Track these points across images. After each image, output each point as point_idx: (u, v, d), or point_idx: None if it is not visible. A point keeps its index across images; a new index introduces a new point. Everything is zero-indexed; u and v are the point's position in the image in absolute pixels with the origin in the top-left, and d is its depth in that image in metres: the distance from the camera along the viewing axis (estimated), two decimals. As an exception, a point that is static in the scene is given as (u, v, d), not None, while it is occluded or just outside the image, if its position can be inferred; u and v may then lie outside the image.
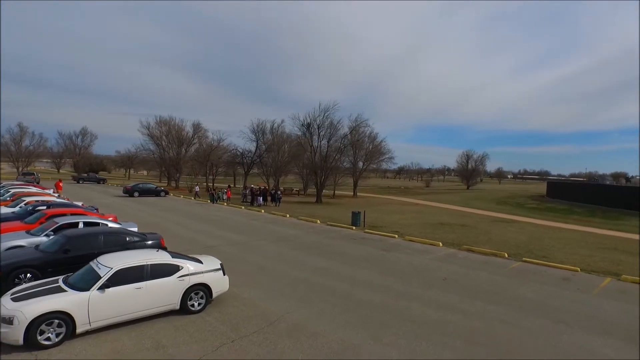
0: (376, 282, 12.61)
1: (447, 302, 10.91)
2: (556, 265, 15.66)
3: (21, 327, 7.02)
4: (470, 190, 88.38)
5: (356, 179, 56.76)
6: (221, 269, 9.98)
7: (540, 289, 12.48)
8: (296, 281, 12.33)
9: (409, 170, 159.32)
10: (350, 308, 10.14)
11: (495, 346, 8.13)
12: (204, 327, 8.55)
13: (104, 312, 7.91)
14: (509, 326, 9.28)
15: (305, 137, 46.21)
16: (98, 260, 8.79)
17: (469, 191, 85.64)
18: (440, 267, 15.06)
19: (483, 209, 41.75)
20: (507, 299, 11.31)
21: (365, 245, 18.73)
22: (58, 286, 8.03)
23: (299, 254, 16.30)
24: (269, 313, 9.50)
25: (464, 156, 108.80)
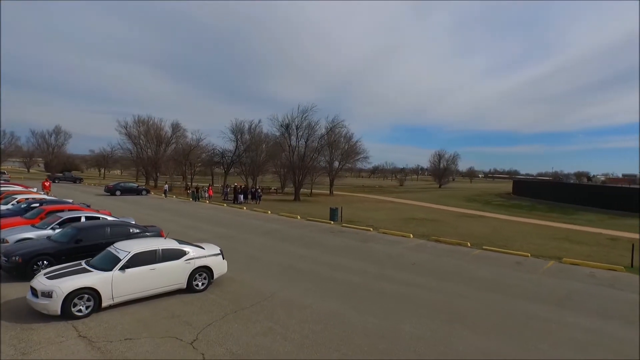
0: (354, 267, 14.31)
1: (416, 282, 12.71)
2: (511, 252, 17.79)
3: (58, 300, 8.32)
4: (442, 189, 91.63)
5: (332, 177, 58.58)
6: (221, 254, 11.46)
7: (495, 271, 14.47)
8: (284, 267, 13.90)
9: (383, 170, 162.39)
10: (333, 287, 11.79)
11: (454, 313, 9.94)
12: (209, 302, 10.02)
13: (125, 289, 9.27)
14: (466, 299, 11.13)
15: (284, 138, 47.66)
16: (115, 246, 10.13)
17: (441, 189, 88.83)
18: (411, 255, 16.92)
19: (453, 206, 44.28)
20: (467, 279, 13.22)
21: (343, 237, 20.47)
22: (83, 267, 9.33)
23: (284, 245, 17.86)
24: (263, 291, 11.03)
25: (436, 156, 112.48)
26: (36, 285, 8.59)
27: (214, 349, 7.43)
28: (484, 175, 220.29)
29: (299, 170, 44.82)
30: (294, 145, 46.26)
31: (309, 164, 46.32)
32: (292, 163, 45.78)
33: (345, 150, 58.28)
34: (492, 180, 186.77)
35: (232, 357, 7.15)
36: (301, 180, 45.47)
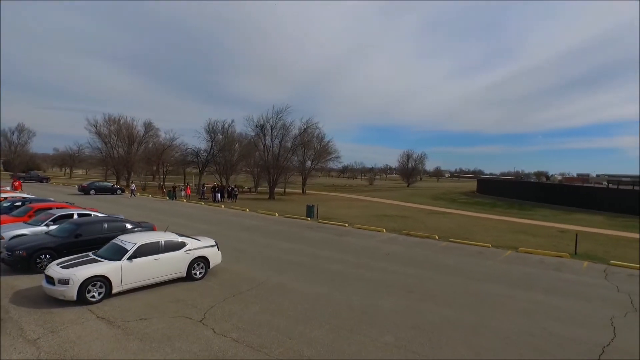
0: (334, 257, 15.66)
1: (391, 269, 14.19)
2: (474, 243, 19.66)
3: (75, 287, 9.19)
4: (411, 188, 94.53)
5: (305, 177, 59.83)
6: (216, 246, 12.52)
7: (460, 259, 16.18)
8: (270, 258, 15.06)
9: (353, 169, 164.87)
10: (317, 274, 13.09)
11: (424, 292, 11.45)
12: (208, 288, 11.10)
13: (132, 277, 10.21)
14: (435, 282, 12.69)
15: (259, 138, 48.54)
16: (120, 238, 11.03)
17: (409, 188, 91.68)
18: (384, 246, 18.45)
19: (421, 204, 46.47)
20: (435, 266, 14.83)
21: (321, 232, 21.81)
22: (93, 258, 10.20)
23: (267, 239, 19.00)
24: (256, 278, 12.19)
25: (405, 156, 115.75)
26: (52, 274, 9.41)
27: (222, 325, 8.56)
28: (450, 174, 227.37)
29: (273, 169, 45.82)
30: (268, 145, 47.26)
31: (284, 164, 47.41)
32: (267, 163, 46.74)
33: (318, 150, 59.60)
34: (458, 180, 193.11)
35: (239, 331, 8.30)
36: (276, 179, 46.49)
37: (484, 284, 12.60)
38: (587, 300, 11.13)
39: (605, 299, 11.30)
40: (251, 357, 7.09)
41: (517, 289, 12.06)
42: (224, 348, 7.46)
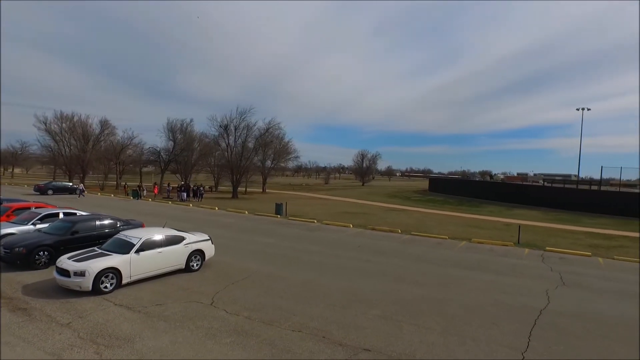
0: (312, 249, 17.17)
1: (363, 258, 15.92)
2: (433, 236, 21.92)
3: (90, 278, 10.03)
4: (365, 187, 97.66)
5: (265, 176, 60.72)
6: (210, 240, 13.61)
7: (422, 249, 18.24)
8: (254, 252, 16.30)
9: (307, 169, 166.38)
10: (300, 264, 14.53)
11: (397, 276, 13.24)
12: (207, 278, 12.22)
13: (139, 269, 11.15)
14: (404, 268, 14.54)
15: (222, 137, 48.91)
16: (124, 233, 11.90)
17: (364, 187, 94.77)
18: (354, 239, 20.21)
19: (378, 201, 48.95)
20: (402, 255, 16.75)
21: (293, 228, 23.23)
22: (102, 252, 11.02)
23: (245, 235, 20.14)
24: (247, 269, 13.43)
25: (360, 155, 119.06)
26: (67, 266, 10.17)
27: (231, 307, 9.80)
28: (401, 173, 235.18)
29: (237, 169, 46.45)
30: (232, 145, 47.79)
31: (247, 164, 48.15)
32: (230, 162, 47.25)
33: (278, 150, 60.64)
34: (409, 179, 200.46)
35: (248, 311, 9.58)
36: (239, 178, 47.14)
37: (446, 268, 14.63)
38: (528, 278, 13.46)
39: (541, 277, 13.70)
40: (265, 331, 8.41)
41: (473, 272, 14.19)
42: (240, 324, 8.75)
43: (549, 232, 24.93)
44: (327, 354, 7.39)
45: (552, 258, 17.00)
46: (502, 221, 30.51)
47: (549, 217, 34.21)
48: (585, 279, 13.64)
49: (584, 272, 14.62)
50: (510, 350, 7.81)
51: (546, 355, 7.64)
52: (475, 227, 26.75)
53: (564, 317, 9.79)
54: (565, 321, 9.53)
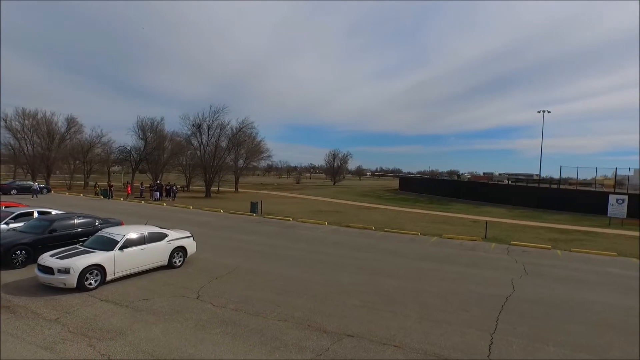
0: (289, 246, 17.61)
1: (340, 253, 16.50)
2: (406, 232, 22.79)
3: (75, 275, 10.11)
4: (337, 186, 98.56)
5: (238, 175, 60.48)
6: (192, 237, 13.82)
7: (396, 245, 19.00)
8: (234, 249, 16.58)
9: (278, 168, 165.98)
10: (280, 260, 14.95)
11: (374, 270, 13.88)
12: (190, 273, 12.45)
13: (124, 265, 11.27)
14: (380, 262, 15.20)
15: (194, 136, 48.43)
16: (107, 231, 11.99)
17: (336, 186, 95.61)
18: (330, 236, 20.78)
19: (350, 200, 49.78)
20: (377, 250, 17.44)
21: (270, 226, 23.57)
22: (85, 249, 11.08)
23: (223, 233, 20.35)
24: (229, 265, 13.72)
25: (331, 155, 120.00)
26: (51, 264, 10.19)
27: (217, 300, 10.12)
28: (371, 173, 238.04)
29: (210, 168, 46.14)
30: (205, 144, 47.43)
31: (220, 163, 47.91)
32: (203, 161, 46.89)
33: (251, 150, 60.50)
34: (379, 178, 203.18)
35: (234, 303, 9.93)
36: (212, 178, 46.86)
37: (419, 262, 15.41)
38: (495, 269, 14.42)
39: (507, 268, 14.70)
40: (252, 321, 8.81)
41: (445, 265, 15.03)
42: (227, 315, 9.11)
43: (513, 228, 26.36)
44: (314, 340, 7.88)
45: (516, 251, 18.15)
46: (470, 218, 31.89)
47: (513, 213, 35.97)
48: (545, 269, 14.73)
49: (544, 263, 15.75)
50: (480, 332, 8.54)
51: (512, 335, 8.42)
52: (445, 223, 27.89)
53: (527, 303, 10.67)
54: (528, 306, 10.41)
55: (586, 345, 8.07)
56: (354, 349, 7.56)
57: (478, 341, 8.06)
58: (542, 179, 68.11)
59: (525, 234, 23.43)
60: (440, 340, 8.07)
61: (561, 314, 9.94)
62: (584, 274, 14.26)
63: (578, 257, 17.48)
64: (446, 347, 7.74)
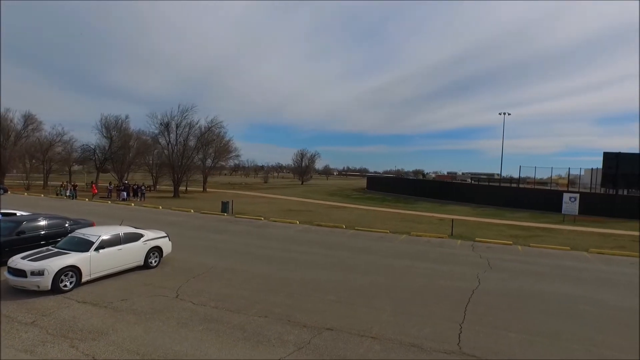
0: (263, 245, 17.82)
1: (314, 251, 16.89)
2: (375, 230, 23.45)
3: (50, 277, 9.97)
4: (305, 185, 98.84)
5: (206, 175, 59.66)
6: (167, 237, 13.80)
7: (367, 242, 19.58)
8: (208, 248, 16.62)
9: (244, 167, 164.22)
10: (255, 258, 15.15)
11: (347, 267, 14.34)
12: (166, 273, 12.47)
13: (99, 266, 11.18)
14: (353, 259, 15.69)
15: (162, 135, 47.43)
16: (81, 232, 11.84)
17: (304, 186, 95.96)
18: (303, 235, 21.12)
19: (319, 199, 50.25)
20: (349, 248, 17.93)
21: (242, 225, 23.65)
22: (58, 251, 10.90)
23: (196, 232, 20.27)
24: (205, 264, 13.80)
25: (299, 154, 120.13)
26: (23, 266, 9.98)
27: (197, 298, 10.25)
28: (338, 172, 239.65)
29: (178, 167, 45.36)
30: (173, 144, 46.54)
31: (188, 162, 47.19)
32: (171, 161, 46.02)
33: (219, 149, 59.79)
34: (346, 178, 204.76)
35: (214, 301, 10.10)
36: (181, 177, 46.09)
37: (390, 259, 16.01)
38: (462, 265, 15.22)
39: (473, 263, 15.54)
40: (233, 318, 9.03)
41: (415, 261, 15.71)
42: (208, 313, 9.28)
43: (477, 225, 27.61)
44: (295, 334, 8.21)
45: (480, 247, 19.15)
46: (436, 216, 33.06)
47: (476, 212, 37.54)
48: (508, 264, 15.68)
49: (506, 258, 16.74)
50: (450, 322, 9.14)
51: (478, 324, 9.07)
52: (412, 221, 28.83)
53: (491, 295, 11.43)
54: (493, 298, 11.17)
55: (543, 331, 8.83)
56: (334, 341, 7.95)
57: (448, 331, 8.64)
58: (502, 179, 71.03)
59: (489, 231, 24.64)
60: (414, 331, 8.59)
61: (522, 304, 10.74)
62: (542, 268, 15.29)
63: (536, 252, 18.65)
64: (419, 337, 8.27)
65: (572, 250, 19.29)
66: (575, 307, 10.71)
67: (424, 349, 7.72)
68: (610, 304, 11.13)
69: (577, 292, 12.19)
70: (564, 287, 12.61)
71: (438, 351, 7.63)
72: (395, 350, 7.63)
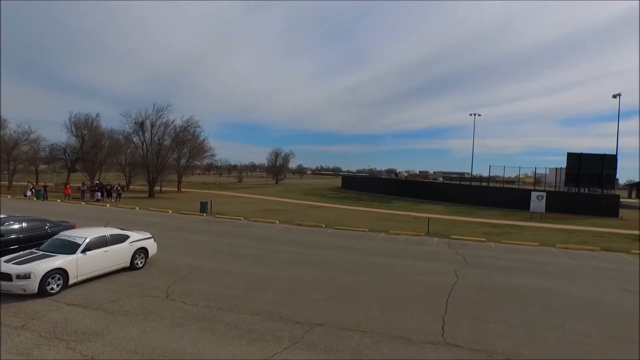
0: (247, 245, 18.01)
1: (296, 250, 17.21)
2: (354, 229, 23.98)
3: (37, 280, 9.88)
4: (280, 185, 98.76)
5: (180, 175, 58.83)
6: (152, 238, 13.81)
7: (347, 241, 20.06)
8: (192, 249, 16.66)
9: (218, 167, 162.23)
10: (240, 258, 15.34)
11: (330, 265, 14.74)
12: (153, 274, 12.51)
13: (86, 269, 11.13)
14: (334, 258, 16.11)
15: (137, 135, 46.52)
16: (65, 233, 11.76)
17: (279, 185, 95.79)
18: (283, 235, 21.40)
19: (295, 199, 50.55)
20: (330, 247, 18.35)
21: (223, 225, 23.69)
22: (44, 253, 10.79)
23: (177, 233, 20.20)
24: (190, 265, 13.89)
25: (274, 154, 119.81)
26: (7, 270, 9.82)
27: (188, 298, 10.40)
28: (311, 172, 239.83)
29: (153, 167, 44.62)
30: (148, 143, 45.70)
31: (164, 162, 46.50)
32: (146, 160, 45.20)
33: (194, 148, 59.06)
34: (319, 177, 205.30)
35: (205, 301, 10.28)
36: (156, 177, 45.35)
37: (371, 257, 16.53)
38: (439, 261, 15.91)
39: (450, 260, 16.27)
40: (226, 317, 9.26)
41: (395, 258, 16.29)
42: (201, 312, 9.47)
43: (451, 223, 28.63)
44: (287, 330, 8.54)
45: (456, 244, 19.97)
46: (411, 215, 34.00)
47: (449, 210, 38.80)
48: (483, 260, 16.49)
49: (481, 254, 17.59)
50: (433, 316, 9.69)
51: (460, 317, 9.66)
52: (389, 220, 29.58)
53: (470, 289, 12.10)
54: (471, 292, 11.83)
55: (519, 322, 9.50)
56: (326, 335, 8.32)
57: (433, 324, 9.18)
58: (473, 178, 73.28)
59: (463, 229, 25.63)
60: (400, 324, 9.08)
61: (498, 297, 11.44)
62: (514, 263, 16.17)
63: (508, 248, 19.63)
64: (406, 329, 8.76)
65: (541, 246, 20.41)
66: (545, 298, 11.50)
67: (411, 340, 8.20)
68: (576, 295, 12.00)
69: (547, 284, 13.03)
70: (535, 281, 13.45)
71: (424, 342, 8.13)
72: (385, 342, 8.08)
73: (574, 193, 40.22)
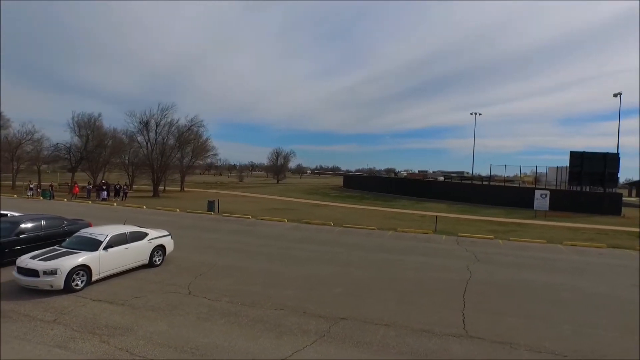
0: (258, 243, 18.20)
1: (308, 248, 17.42)
2: (363, 227, 24.19)
3: (62, 276, 10.07)
4: (281, 184, 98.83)
5: (184, 174, 58.93)
6: (170, 235, 14.00)
7: (356, 239, 20.27)
8: (205, 247, 16.85)
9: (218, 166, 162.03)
10: (253, 255, 15.54)
11: (343, 262, 14.95)
12: (172, 271, 12.71)
13: (108, 265, 11.33)
14: (346, 255, 16.31)
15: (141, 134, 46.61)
16: (88, 231, 11.95)
17: (280, 185, 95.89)
18: (293, 233, 21.60)
19: (298, 198, 50.73)
20: (340, 244, 18.56)
21: (232, 224, 23.88)
22: (67, 250, 10.96)
23: (189, 231, 20.36)
24: (206, 262, 14.09)
25: (275, 153, 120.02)
26: (34, 266, 10.02)
27: (210, 294, 10.60)
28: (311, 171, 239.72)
29: (158, 167, 44.76)
30: (152, 142, 45.81)
31: (168, 162, 46.64)
32: (151, 160, 45.32)
33: (197, 148, 59.18)
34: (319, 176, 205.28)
35: (227, 297, 10.47)
36: (160, 177, 45.50)
37: (381, 254, 16.75)
38: (451, 258, 16.14)
39: (461, 257, 16.50)
40: (251, 312, 9.45)
41: (405, 255, 16.51)
42: (225, 307, 9.68)
43: (457, 221, 28.88)
44: (313, 324, 8.75)
45: (465, 242, 20.21)
46: (416, 213, 34.22)
47: (453, 208, 39.05)
48: (492, 256, 16.73)
49: (490, 251, 17.82)
50: (451, 310, 9.91)
51: (478, 311, 9.89)
52: (395, 218, 29.81)
53: (484, 285, 12.33)
54: (485, 287, 12.06)
55: (535, 315, 9.73)
56: (351, 329, 8.54)
57: (453, 318, 9.40)
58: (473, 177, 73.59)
59: (469, 227, 25.87)
60: (421, 318, 9.30)
61: (512, 292, 11.68)
62: (524, 259, 16.41)
63: (516, 245, 19.88)
64: (428, 323, 8.98)
65: (548, 243, 20.66)
66: (558, 294, 11.74)
67: (434, 333, 8.42)
68: (587, 290, 12.24)
69: (558, 280, 13.27)
70: (545, 277, 13.68)
71: (447, 335, 8.35)
72: (409, 335, 8.30)
73: (577, 191, 40.49)
